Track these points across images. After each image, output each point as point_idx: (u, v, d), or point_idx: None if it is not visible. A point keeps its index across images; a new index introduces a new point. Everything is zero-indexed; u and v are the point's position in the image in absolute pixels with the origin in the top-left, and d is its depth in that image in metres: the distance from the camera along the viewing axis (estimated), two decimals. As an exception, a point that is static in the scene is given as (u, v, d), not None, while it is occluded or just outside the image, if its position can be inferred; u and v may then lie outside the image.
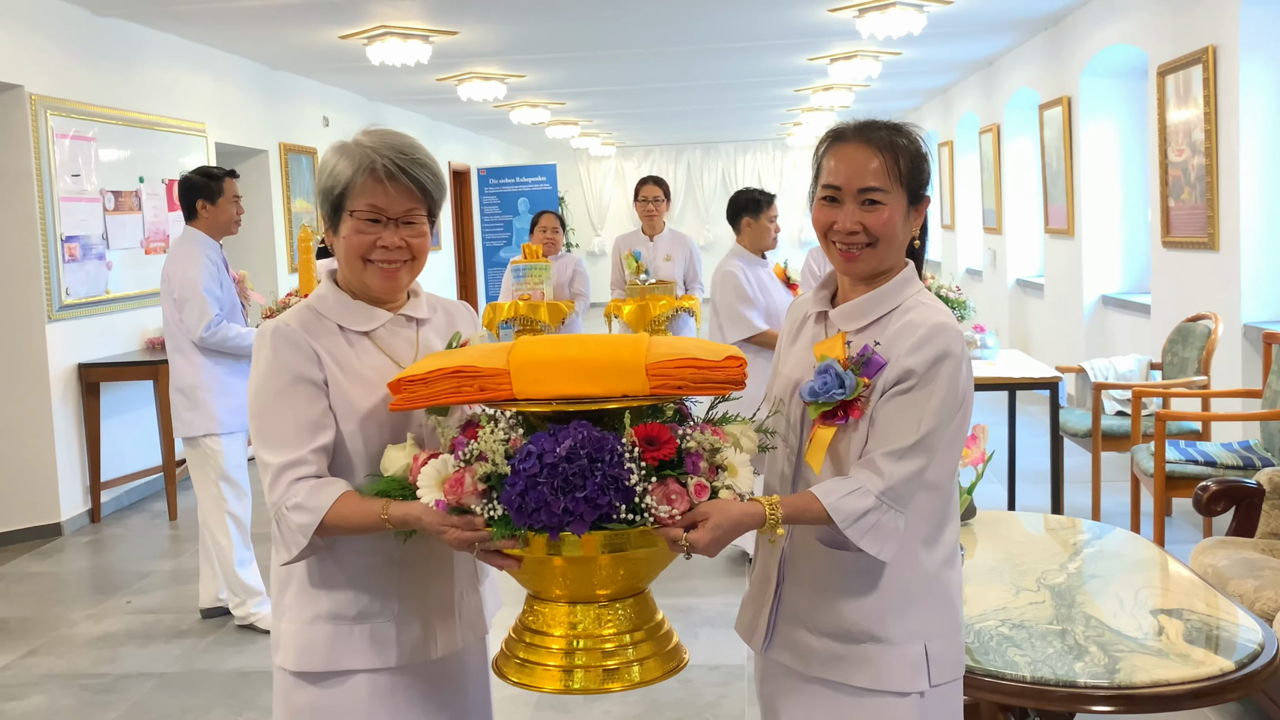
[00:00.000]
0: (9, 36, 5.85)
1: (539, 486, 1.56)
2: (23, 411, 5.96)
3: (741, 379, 1.71)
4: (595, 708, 3.64)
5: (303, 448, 1.79)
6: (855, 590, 1.81)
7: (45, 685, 4.05)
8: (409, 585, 1.88)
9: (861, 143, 1.83)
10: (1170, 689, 2.24)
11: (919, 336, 1.74)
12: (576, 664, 1.69)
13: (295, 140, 9.53)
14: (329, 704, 1.86)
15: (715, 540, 1.63)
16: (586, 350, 1.70)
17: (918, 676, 1.80)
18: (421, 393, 1.72)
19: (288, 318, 1.89)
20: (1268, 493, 3.68)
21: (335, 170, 1.88)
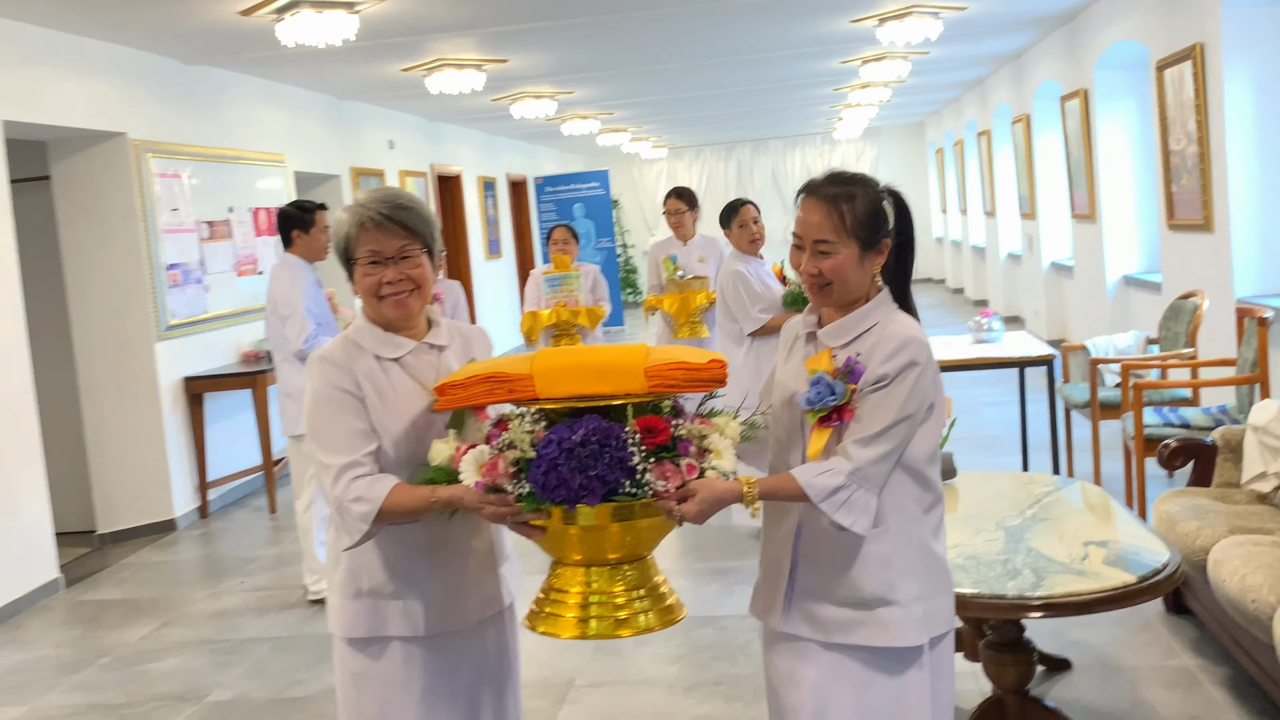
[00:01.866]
0: (113, 91, 6.62)
1: (559, 467, 1.90)
2: (138, 422, 6.73)
3: (723, 378, 2.05)
4: (644, 650, 4.26)
5: (358, 451, 2.13)
6: (866, 564, 2.09)
7: (179, 650, 4.77)
8: (433, 567, 2.22)
9: (818, 199, 2.13)
10: (1082, 598, 2.82)
11: (891, 348, 2.06)
12: (591, 615, 2.02)
13: (364, 164, 10.29)
14: (370, 665, 2.23)
15: (702, 511, 1.96)
16: (596, 357, 2.06)
17: (921, 631, 2.10)
18: (460, 395, 2.07)
19: (332, 348, 2.24)
20: (1220, 448, 4.20)
21: (339, 229, 2.24)
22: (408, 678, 2.21)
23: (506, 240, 15.35)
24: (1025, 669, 3.17)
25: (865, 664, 2.10)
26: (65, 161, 6.64)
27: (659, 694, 3.90)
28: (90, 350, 6.70)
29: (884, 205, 2.13)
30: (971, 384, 8.99)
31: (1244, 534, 3.60)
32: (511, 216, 15.86)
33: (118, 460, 6.69)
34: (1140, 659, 3.85)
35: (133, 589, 5.70)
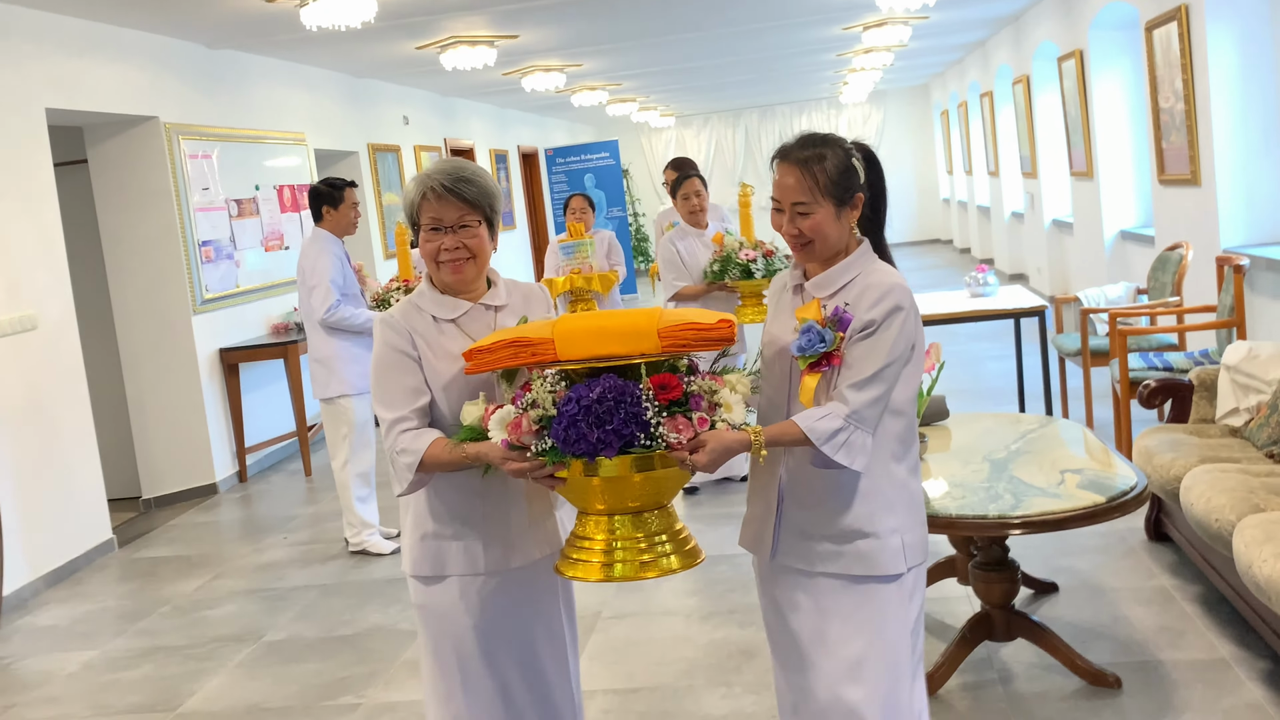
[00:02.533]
0: (145, 77, 6.93)
1: (578, 423, 2.03)
2: (178, 392, 7.09)
3: (731, 337, 2.15)
4: (664, 585, 4.60)
5: (407, 407, 2.32)
6: (846, 499, 2.25)
7: (233, 598, 5.14)
8: (490, 511, 2.40)
9: (791, 163, 2.27)
10: (1056, 516, 3.14)
11: (876, 295, 2.20)
12: (616, 559, 2.15)
13: (381, 140, 10.59)
14: (436, 600, 2.43)
15: (712, 460, 2.09)
16: (613, 321, 2.18)
17: (898, 561, 2.26)
18: (487, 359, 2.20)
19: (394, 310, 2.43)
20: (1196, 387, 4.51)
21: (408, 195, 2.41)
22: (465, 611, 2.39)
23: (520, 211, 15.64)
24: (1010, 586, 3.49)
25: (853, 589, 2.26)
26: (101, 145, 6.97)
27: (678, 622, 4.24)
28: (130, 325, 7.05)
29: (854, 162, 2.26)
30: (974, 339, 9.29)
31: (1214, 463, 3.91)
32: (524, 188, 16.14)
33: (160, 429, 7.05)
34: (1121, 581, 4.18)
35: (182, 547, 6.07)
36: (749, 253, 5.35)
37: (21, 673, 4.50)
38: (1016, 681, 3.49)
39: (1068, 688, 3.41)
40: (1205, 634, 3.68)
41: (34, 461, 5.59)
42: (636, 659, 3.95)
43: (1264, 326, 5.88)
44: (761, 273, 5.30)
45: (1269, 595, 3.04)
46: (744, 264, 5.34)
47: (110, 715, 4.00)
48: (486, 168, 14.02)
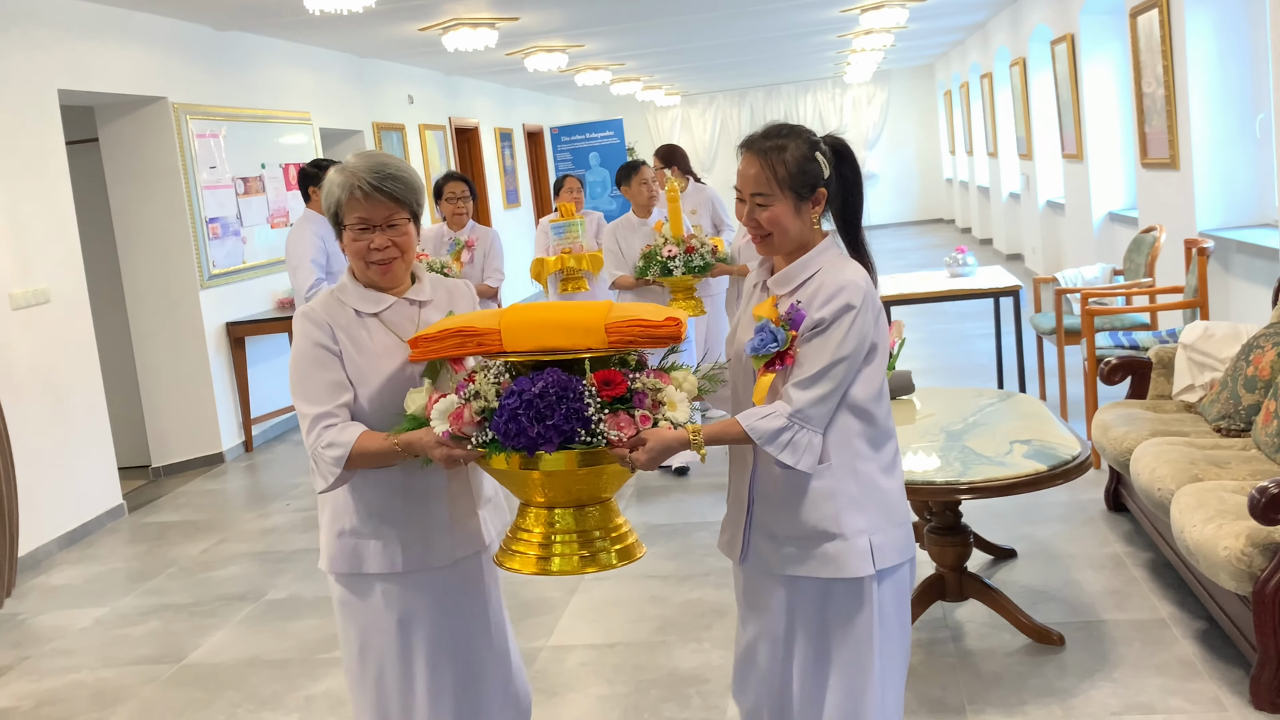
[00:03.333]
0: (153, 58, 7.15)
1: (519, 417, 2.01)
2: (187, 364, 7.33)
3: (679, 335, 2.13)
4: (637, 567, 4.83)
5: (330, 403, 2.26)
6: (811, 499, 2.21)
7: (237, 560, 5.38)
8: (411, 508, 2.34)
9: (751, 154, 2.25)
10: (998, 482, 3.36)
11: (828, 293, 2.16)
12: (555, 553, 2.14)
13: (385, 119, 10.79)
14: (352, 597, 2.38)
15: (651, 459, 2.07)
16: (560, 314, 2.15)
17: (864, 563, 2.20)
18: (433, 347, 2.16)
19: (314, 304, 2.36)
20: (1155, 364, 4.71)
21: (329, 194, 2.33)
22: (385, 610, 2.35)
23: (524, 190, 15.83)
24: (962, 549, 3.71)
25: (821, 592, 2.24)
26: (112, 125, 7.19)
27: (656, 583, 4.48)
28: (140, 299, 7.29)
29: (818, 155, 2.23)
30: (963, 318, 9.49)
31: (1164, 436, 4.12)
32: (529, 166, 16.32)
33: (168, 400, 7.30)
34: (1077, 548, 4.39)
35: (189, 513, 6.32)
36: (670, 249, 5.37)
37: (36, 627, 4.75)
38: (967, 639, 3.72)
39: (1014, 645, 3.63)
40: (1149, 597, 3.90)
41: (47, 430, 5.83)
42: (615, 617, 4.18)
43: (1236, 307, 6.07)
44: (681, 270, 5.31)
45: (1198, 557, 3.25)
46: (663, 261, 5.36)
47: (120, 666, 4.26)
48: (492, 146, 14.24)
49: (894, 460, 2.29)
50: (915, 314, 9.76)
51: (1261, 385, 4.04)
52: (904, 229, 20.02)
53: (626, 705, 3.52)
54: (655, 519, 5.29)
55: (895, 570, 2.26)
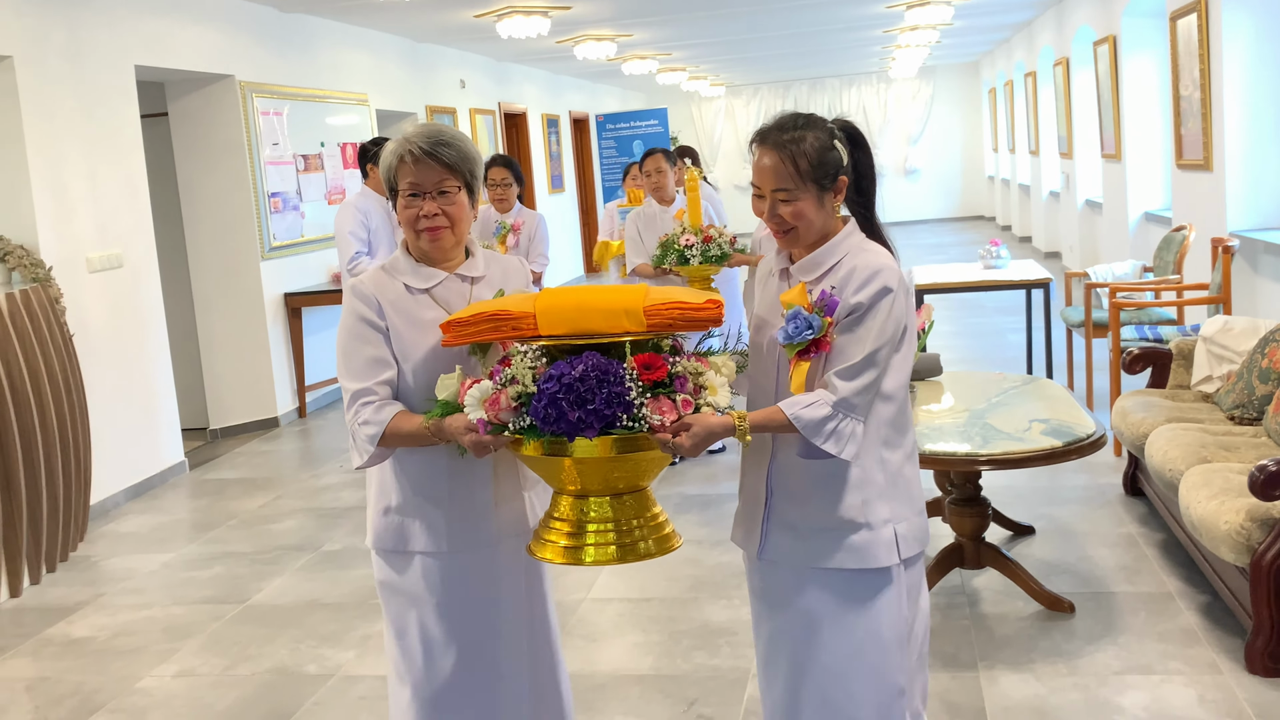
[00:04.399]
0: (223, 37, 7.47)
1: (559, 401, 1.95)
2: (246, 332, 7.66)
3: (718, 318, 2.08)
4: (680, 517, 5.09)
5: (370, 379, 2.23)
6: (835, 490, 2.16)
7: (293, 515, 5.70)
8: (456, 489, 2.31)
9: (768, 148, 2.17)
10: (1015, 455, 3.58)
11: (863, 277, 2.10)
12: (589, 542, 2.08)
13: (438, 102, 11.09)
14: (395, 575, 2.36)
15: (695, 445, 2.02)
16: (597, 297, 2.08)
17: (892, 553, 2.18)
18: (466, 332, 2.11)
19: (364, 277, 2.33)
20: (1175, 355, 4.90)
21: (385, 161, 2.31)
22: (427, 590, 2.33)
23: (569, 175, 16.11)
24: (980, 520, 3.94)
25: (844, 585, 2.18)
26: (181, 100, 7.52)
27: (690, 547, 4.73)
28: (203, 268, 7.62)
29: (835, 144, 2.17)
30: (999, 311, 9.67)
31: (1179, 423, 4.32)
32: (574, 153, 16.60)
33: (228, 365, 7.64)
34: (1093, 527, 4.61)
35: (247, 471, 6.65)
36: (688, 238, 5.37)
37: (108, 569, 5.08)
38: (982, 604, 3.95)
39: (1026, 610, 3.86)
40: (1158, 572, 4.11)
41: (117, 387, 6.17)
42: (650, 575, 4.44)
43: (1262, 305, 6.23)
44: (698, 259, 5.32)
45: (1201, 531, 3.47)
46: (680, 250, 5.36)
47: (188, 604, 4.57)
48: (539, 131, 14.52)
49: (914, 447, 2.27)
50: (951, 307, 9.94)
51: (1275, 377, 4.23)
52: (944, 225, 20.13)
53: (660, 652, 3.78)
54: (689, 489, 5.54)
55: (915, 560, 2.25)
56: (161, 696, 3.76)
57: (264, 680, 3.81)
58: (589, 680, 3.62)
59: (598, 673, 3.67)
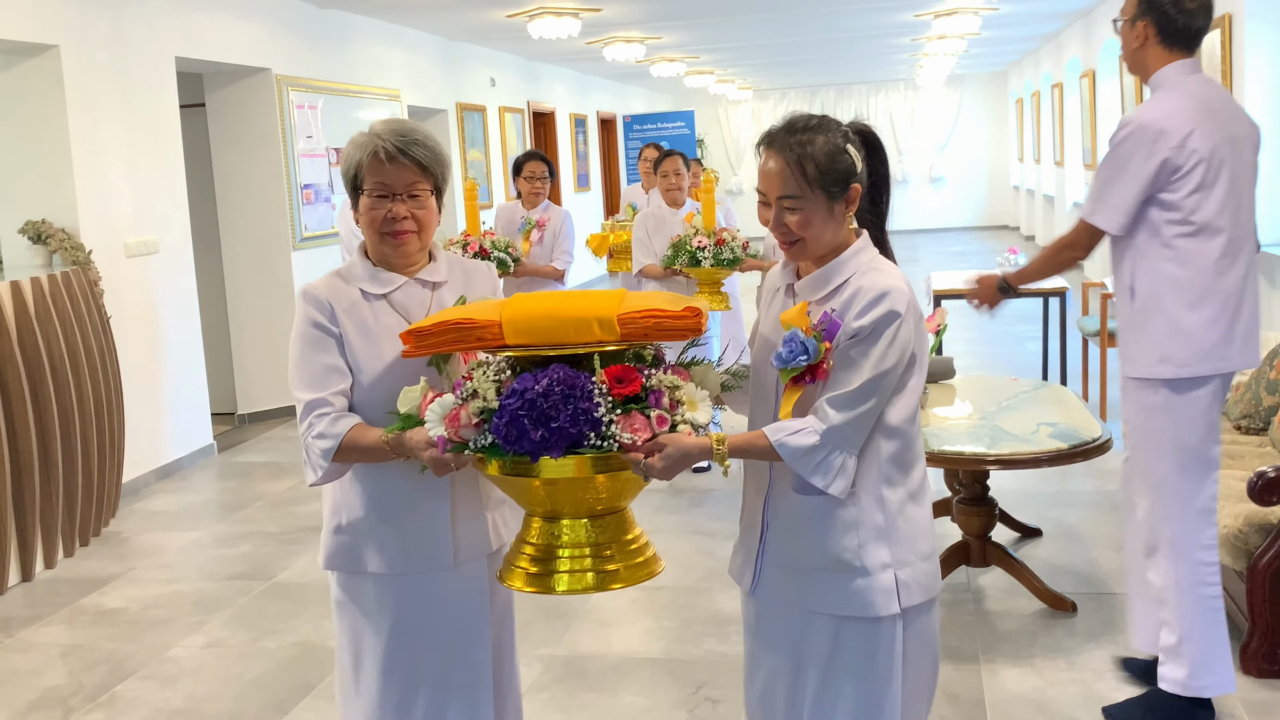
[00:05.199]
0: (261, 31, 7.64)
1: (520, 419, 1.80)
2: (275, 320, 7.82)
3: (699, 328, 1.92)
4: (697, 509, 5.21)
5: (325, 390, 2.11)
6: (831, 528, 2.00)
7: (318, 498, 5.70)
8: (411, 508, 2.18)
9: (775, 150, 2.01)
10: (1021, 456, 3.69)
11: (868, 299, 1.93)
12: (559, 569, 1.95)
13: (468, 100, 11.25)
14: (345, 595, 2.25)
15: (668, 467, 1.87)
16: (569, 304, 1.95)
17: (889, 600, 2.00)
18: (428, 342, 1.97)
19: (316, 282, 2.21)
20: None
21: (349, 156, 2.17)
22: (379, 612, 2.22)
23: (595, 175, 16.25)
24: (987, 520, 4.05)
25: (836, 630, 2.04)
26: (219, 92, 7.69)
27: (705, 539, 4.85)
28: (235, 257, 7.79)
29: (848, 148, 2.01)
30: (1019, 320, 9.74)
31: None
32: (600, 152, 16.74)
33: (257, 353, 7.80)
34: (1099, 532, 4.70)
35: (274, 455, 6.81)
36: (701, 239, 5.34)
37: (139, 545, 5.24)
38: (986, 601, 4.06)
39: (1029, 608, 3.96)
40: (1161, 576, 4.20)
41: (150, 368, 6.34)
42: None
43: (1277, 318, 6.30)
44: (710, 262, 5.29)
45: (1201, 535, 3.56)
46: (692, 251, 5.31)
47: (216, 580, 4.72)
48: (567, 131, 14.67)
49: (923, 485, 2.08)
50: (969, 313, 10.02)
51: (1281, 388, 4.32)
52: (968, 233, 20.17)
53: (671, 637, 3.90)
54: (705, 483, 5.66)
55: (921, 608, 2.07)
56: (191, 665, 3.91)
57: (289, 653, 3.95)
58: (602, 661, 3.74)
59: (610, 654, 3.79)
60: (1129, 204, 2.91)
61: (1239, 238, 2.96)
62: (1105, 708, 3.25)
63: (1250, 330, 2.99)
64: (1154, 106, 2.92)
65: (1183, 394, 2.96)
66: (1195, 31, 2.94)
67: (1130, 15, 2.99)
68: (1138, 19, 2.97)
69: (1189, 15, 2.92)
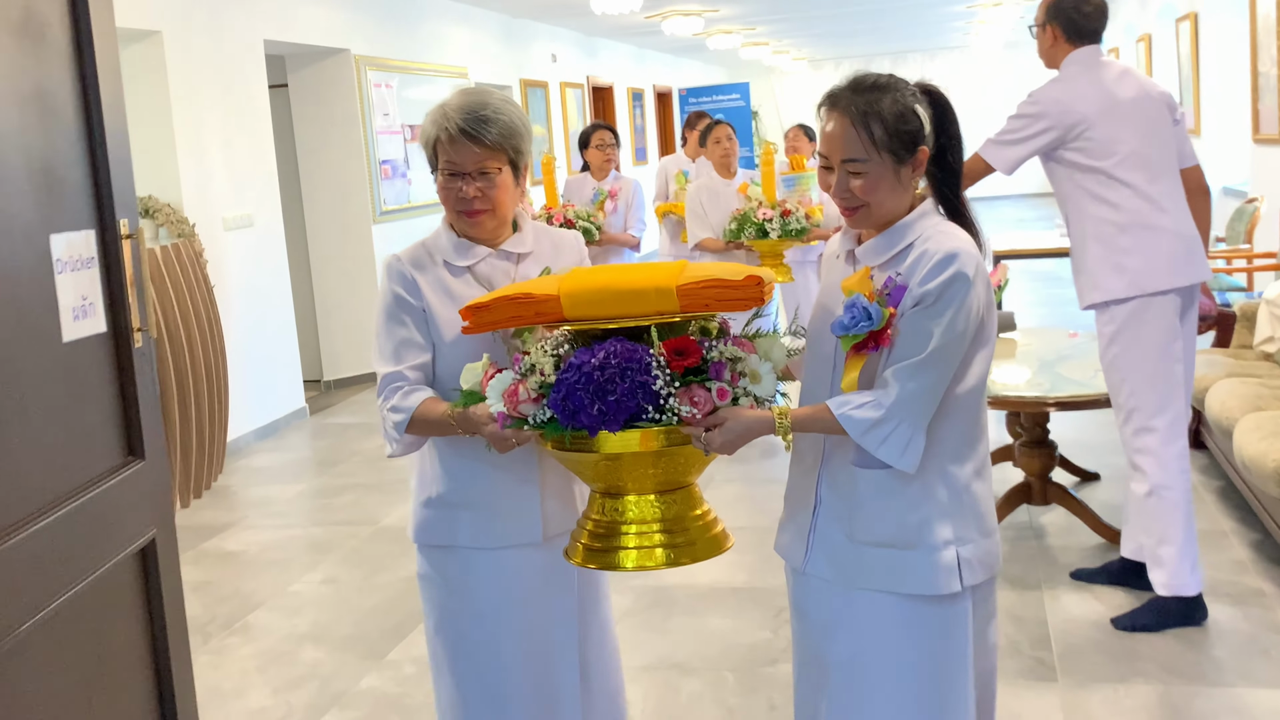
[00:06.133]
0: (340, 14, 7.99)
1: (577, 393, 1.78)
2: (358, 290, 8.21)
3: (761, 297, 1.86)
4: (773, 460, 5.51)
5: (402, 364, 2.09)
6: (891, 504, 1.93)
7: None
8: (496, 482, 2.16)
9: (839, 113, 1.91)
10: (1078, 399, 3.95)
11: (935, 263, 1.84)
12: (624, 544, 1.92)
13: (531, 75, 11.56)
14: (432, 569, 2.24)
15: (728, 441, 1.83)
16: (628, 276, 1.91)
17: (952, 579, 1.92)
18: (487, 318, 1.94)
19: (401, 253, 2.19)
20: (1239, 317, 5.20)
21: (425, 131, 2.14)
22: (464, 587, 2.20)
23: (652, 147, 16.51)
24: (1048, 461, 4.30)
25: (898, 611, 1.95)
26: (301, 72, 8.07)
27: (777, 486, 5.14)
28: (319, 231, 8.18)
29: (917, 109, 1.92)
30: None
31: (1238, 378, 4.63)
32: (657, 125, 16.99)
33: (341, 321, 8.20)
34: (1155, 475, 4.93)
35: (363, 416, 7.20)
36: (766, 211, 5.29)
37: (247, 497, 5.64)
38: (1048, 537, 4.32)
39: (1088, 544, 4.22)
40: (1215, 514, 4.44)
41: (248, 335, 6.74)
42: (742, 508, 4.87)
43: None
44: (777, 233, 5.26)
45: (1252, 470, 3.80)
46: (759, 223, 5.24)
47: (325, 525, 5.10)
48: (625, 104, 14.95)
49: (985, 461, 2.01)
50: (1030, 277, 10.20)
51: (1331, 335, 4.53)
52: (1028, 200, 20.17)
53: (751, 570, 4.22)
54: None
55: (985, 587, 2.02)
56: (312, 598, 4.28)
57: (402, 587, 4.31)
58: (690, 591, 4.07)
59: (697, 585, 4.12)
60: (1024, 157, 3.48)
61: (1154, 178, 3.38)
62: (1114, 619, 3.53)
63: (1176, 254, 3.38)
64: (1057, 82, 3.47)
65: (1129, 317, 3.38)
66: (1093, 31, 3.43)
67: (1041, 21, 3.51)
68: (1047, 23, 3.47)
69: (1087, 18, 3.41)
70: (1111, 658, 3.37)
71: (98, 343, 2.20)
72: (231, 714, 3.44)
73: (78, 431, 2.13)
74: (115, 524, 2.19)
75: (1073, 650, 3.44)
